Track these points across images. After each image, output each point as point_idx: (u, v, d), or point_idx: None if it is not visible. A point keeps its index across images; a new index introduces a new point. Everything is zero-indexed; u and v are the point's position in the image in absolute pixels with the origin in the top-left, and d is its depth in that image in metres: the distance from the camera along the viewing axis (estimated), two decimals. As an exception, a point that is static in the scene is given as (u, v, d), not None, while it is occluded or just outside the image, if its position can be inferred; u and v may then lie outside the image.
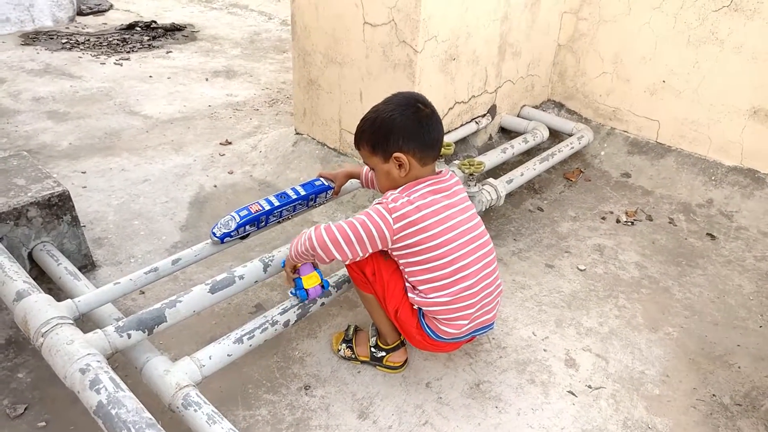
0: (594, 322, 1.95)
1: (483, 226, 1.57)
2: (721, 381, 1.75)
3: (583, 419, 1.59)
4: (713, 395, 1.70)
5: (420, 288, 1.50)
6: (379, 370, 1.71)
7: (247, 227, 1.71)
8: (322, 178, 1.89)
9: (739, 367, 1.80)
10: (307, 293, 1.59)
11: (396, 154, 1.45)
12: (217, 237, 1.68)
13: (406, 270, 1.52)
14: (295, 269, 1.58)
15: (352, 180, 1.95)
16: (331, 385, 1.66)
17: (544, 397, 1.66)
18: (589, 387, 1.70)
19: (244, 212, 1.70)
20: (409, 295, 1.53)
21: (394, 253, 1.51)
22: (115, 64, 4.12)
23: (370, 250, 1.47)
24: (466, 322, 1.52)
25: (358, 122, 1.52)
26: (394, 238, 1.44)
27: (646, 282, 2.17)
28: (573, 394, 1.67)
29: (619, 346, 1.86)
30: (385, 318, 1.65)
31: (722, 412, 1.65)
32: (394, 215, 1.42)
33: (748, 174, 2.66)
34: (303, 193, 1.81)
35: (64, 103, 3.43)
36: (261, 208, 1.72)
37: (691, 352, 1.85)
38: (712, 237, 2.46)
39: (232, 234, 1.69)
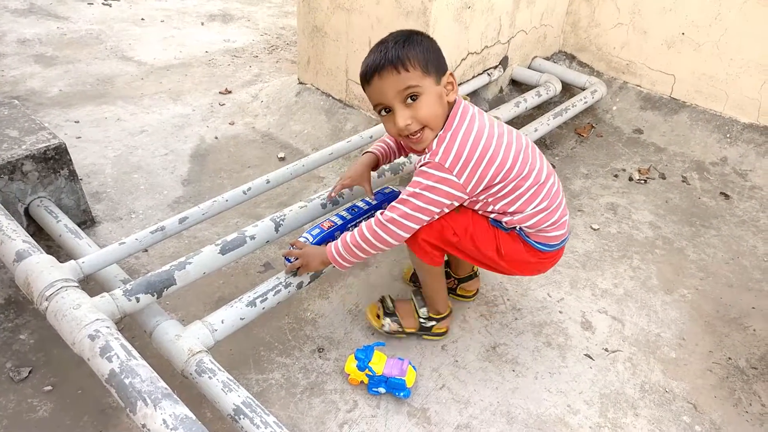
0: (609, 283, 1.92)
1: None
2: (736, 344, 1.73)
3: (600, 383, 1.57)
4: (729, 358, 1.68)
5: (513, 208, 1.38)
6: (425, 339, 1.65)
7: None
8: (390, 186, 1.76)
9: (754, 330, 1.78)
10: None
11: (450, 73, 1.29)
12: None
13: (489, 201, 1.39)
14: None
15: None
16: (345, 347, 1.62)
17: (561, 360, 1.63)
18: (606, 350, 1.67)
19: (316, 231, 1.59)
20: (504, 220, 1.41)
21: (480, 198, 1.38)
22: (103, 4, 3.91)
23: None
24: (565, 218, 1.45)
25: (384, 39, 1.26)
26: (469, 190, 1.31)
27: (659, 242, 2.12)
28: (590, 357, 1.65)
29: (634, 308, 1.83)
30: (444, 287, 1.60)
31: (738, 376, 1.63)
32: (457, 173, 1.27)
33: (764, 132, 2.58)
34: (375, 203, 1.69)
35: (51, 46, 3.25)
36: (333, 224, 1.61)
37: (707, 315, 1.83)
38: (726, 196, 2.41)
39: None
